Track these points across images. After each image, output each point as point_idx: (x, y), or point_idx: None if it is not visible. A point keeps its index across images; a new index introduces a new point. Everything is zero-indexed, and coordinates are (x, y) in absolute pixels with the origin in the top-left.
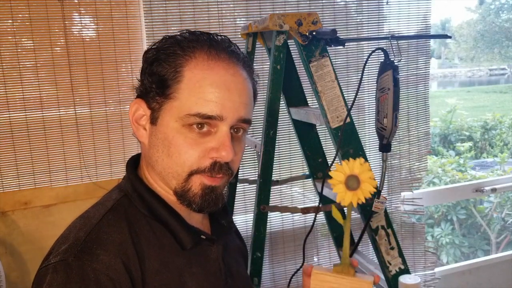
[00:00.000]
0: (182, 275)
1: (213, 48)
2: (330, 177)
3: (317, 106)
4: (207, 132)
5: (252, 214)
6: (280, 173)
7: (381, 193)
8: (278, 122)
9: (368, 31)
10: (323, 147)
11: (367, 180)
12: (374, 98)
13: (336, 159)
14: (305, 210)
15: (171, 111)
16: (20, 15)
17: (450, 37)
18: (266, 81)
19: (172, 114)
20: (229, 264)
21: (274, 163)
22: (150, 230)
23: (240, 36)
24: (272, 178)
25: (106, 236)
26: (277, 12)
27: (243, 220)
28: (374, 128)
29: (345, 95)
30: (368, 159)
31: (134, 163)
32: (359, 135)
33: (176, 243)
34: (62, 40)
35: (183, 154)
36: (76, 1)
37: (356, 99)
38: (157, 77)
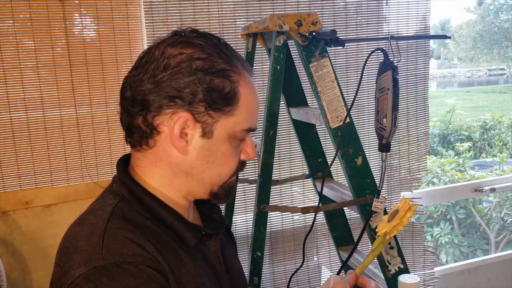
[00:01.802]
0: (196, 268)
1: (244, 61)
2: (330, 176)
3: (317, 106)
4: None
5: (252, 214)
6: (280, 173)
7: (381, 193)
8: (278, 122)
9: (367, 31)
10: (323, 147)
11: (398, 218)
12: (374, 98)
13: (336, 159)
14: (305, 210)
15: (227, 126)
16: (21, 16)
17: (449, 37)
18: (266, 81)
19: (227, 129)
20: (226, 257)
21: (274, 163)
22: (156, 230)
23: (240, 36)
24: (272, 178)
25: (122, 236)
26: (277, 12)
27: (243, 219)
28: (374, 128)
29: (344, 95)
30: (367, 159)
31: (124, 165)
32: (359, 135)
33: (181, 242)
34: (63, 40)
35: (231, 163)
36: (76, 1)
37: (356, 99)
38: (217, 94)
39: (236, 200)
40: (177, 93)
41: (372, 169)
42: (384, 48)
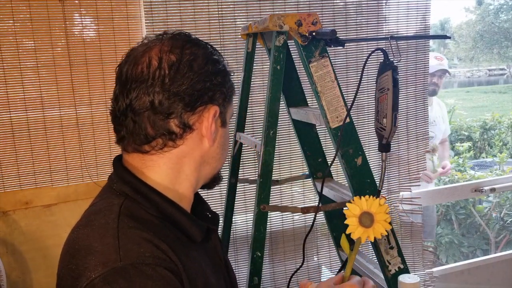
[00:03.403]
0: (201, 264)
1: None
2: (330, 176)
3: (317, 106)
4: None
5: (252, 214)
6: (280, 173)
7: (381, 193)
8: (278, 122)
9: (367, 31)
10: (323, 147)
11: (381, 221)
12: (374, 98)
13: (336, 159)
14: (305, 210)
15: (229, 113)
16: (21, 16)
17: (449, 37)
18: (266, 81)
19: (229, 115)
20: (224, 252)
21: (274, 163)
22: (164, 227)
23: (240, 36)
24: (272, 178)
25: (136, 236)
26: (277, 12)
27: (243, 219)
28: (374, 128)
29: (344, 95)
30: (367, 159)
31: (121, 164)
32: (359, 135)
33: (187, 238)
34: (63, 41)
35: (228, 146)
36: (76, 1)
37: (356, 99)
38: (229, 85)
39: (236, 200)
40: (206, 91)
41: (372, 169)
42: (384, 48)
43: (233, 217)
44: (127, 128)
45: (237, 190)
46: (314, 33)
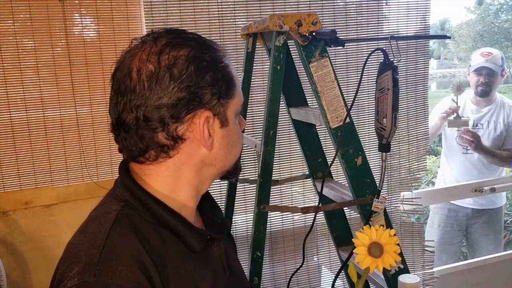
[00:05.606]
0: (195, 279)
1: (215, 42)
2: (330, 176)
3: (317, 106)
4: None
5: (252, 214)
6: (280, 173)
7: (381, 193)
8: (278, 122)
9: (367, 31)
10: (323, 147)
11: (391, 252)
12: (374, 98)
13: (336, 159)
14: (305, 210)
15: (232, 108)
16: (21, 16)
17: (449, 37)
18: (266, 81)
19: (234, 110)
20: (229, 261)
21: (274, 163)
22: (159, 237)
23: (240, 36)
24: (272, 178)
25: (121, 250)
26: (277, 12)
27: (243, 219)
28: (374, 128)
29: (344, 95)
30: (367, 159)
31: (126, 168)
32: (359, 135)
33: (185, 247)
34: (63, 40)
35: (241, 139)
36: (76, 1)
37: (356, 99)
38: (222, 83)
39: (236, 200)
40: (191, 96)
41: (372, 169)
42: (384, 48)
43: (233, 217)
44: (121, 143)
45: (237, 190)
46: (314, 33)
